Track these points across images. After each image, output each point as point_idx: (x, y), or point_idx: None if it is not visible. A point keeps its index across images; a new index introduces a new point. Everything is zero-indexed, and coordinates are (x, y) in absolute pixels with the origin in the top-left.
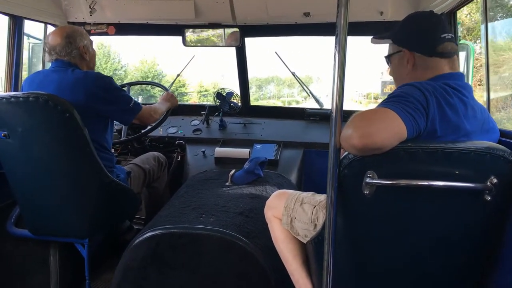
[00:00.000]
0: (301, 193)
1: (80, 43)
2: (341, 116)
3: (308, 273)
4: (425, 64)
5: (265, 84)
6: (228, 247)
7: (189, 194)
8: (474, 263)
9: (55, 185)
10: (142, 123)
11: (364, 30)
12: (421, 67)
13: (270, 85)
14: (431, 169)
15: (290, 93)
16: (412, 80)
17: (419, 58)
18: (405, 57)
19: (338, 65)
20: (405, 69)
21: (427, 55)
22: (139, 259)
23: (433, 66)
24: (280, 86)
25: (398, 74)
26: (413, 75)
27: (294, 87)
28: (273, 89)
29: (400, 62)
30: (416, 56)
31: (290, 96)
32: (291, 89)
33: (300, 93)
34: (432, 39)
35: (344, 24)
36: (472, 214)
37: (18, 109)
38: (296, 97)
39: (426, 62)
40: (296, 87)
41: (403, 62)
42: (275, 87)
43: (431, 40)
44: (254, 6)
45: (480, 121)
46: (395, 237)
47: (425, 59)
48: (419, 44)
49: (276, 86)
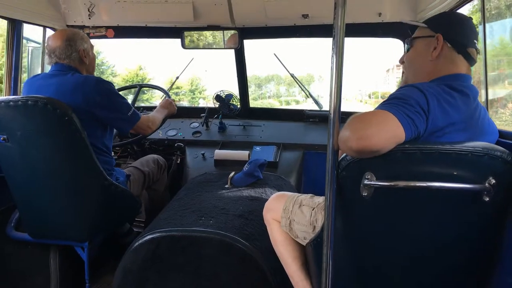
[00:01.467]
0: (300, 195)
1: (80, 46)
2: (339, 118)
3: (307, 275)
4: (450, 57)
5: (265, 83)
6: (228, 250)
7: (189, 197)
8: (473, 264)
9: (54, 188)
10: (138, 133)
11: (362, 31)
12: (444, 59)
13: (270, 83)
14: (429, 170)
15: (290, 92)
16: (426, 70)
17: (448, 50)
18: (433, 44)
19: (335, 66)
20: (427, 57)
21: (457, 50)
22: (139, 262)
23: (456, 63)
24: (279, 85)
25: (416, 61)
26: (431, 65)
27: (294, 86)
28: (273, 88)
29: (426, 47)
30: (447, 47)
31: (291, 95)
32: (292, 88)
33: (301, 92)
34: (468, 39)
35: (342, 25)
36: (470, 215)
37: (17, 113)
38: (297, 96)
39: (452, 56)
40: (297, 86)
41: (429, 48)
42: (275, 86)
43: (467, 39)
44: (253, 8)
45: (482, 122)
46: (393, 239)
47: (453, 53)
48: (457, 36)
49: (276, 85)
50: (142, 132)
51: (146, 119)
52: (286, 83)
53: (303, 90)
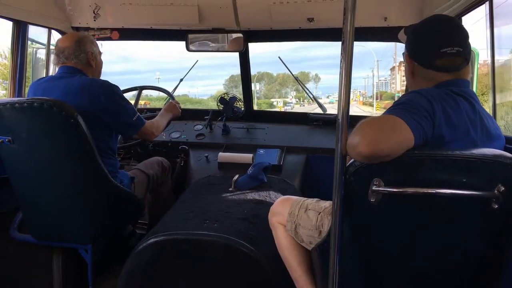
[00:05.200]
0: (306, 199)
1: (89, 49)
2: (348, 122)
3: (312, 280)
4: (422, 73)
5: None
6: (232, 253)
7: (193, 200)
8: (482, 271)
9: (58, 190)
10: (142, 139)
11: (368, 35)
12: (418, 76)
13: (260, 83)
14: (438, 177)
15: (282, 93)
16: (413, 85)
17: (417, 67)
18: (407, 61)
19: (344, 71)
20: (406, 72)
21: (423, 67)
22: (142, 265)
23: (430, 78)
24: (271, 85)
25: (405, 74)
26: (412, 82)
27: (287, 86)
28: (263, 88)
29: (406, 64)
30: (415, 65)
31: (283, 97)
32: (284, 88)
33: (297, 94)
34: (431, 52)
35: (351, 31)
36: (479, 222)
37: (23, 114)
38: (289, 98)
39: (424, 72)
40: (290, 86)
41: (406, 65)
42: (264, 85)
43: (429, 53)
44: (258, 12)
45: (487, 128)
46: (401, 245)
47: (422, 69)
48: (417, 54)
49: (266, 85)
50: (146, 137)
51: (150, 124)
52: (277, 83)
53: (307, 93)
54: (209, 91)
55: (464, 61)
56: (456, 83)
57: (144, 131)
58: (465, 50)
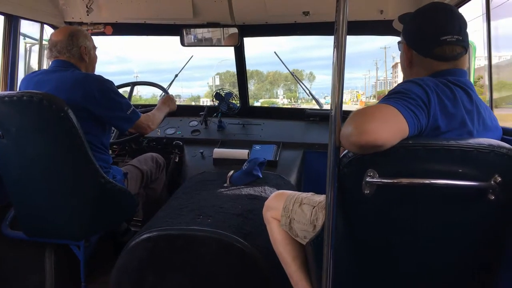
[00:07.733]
0: (301, 193)
1: (82, 43)
2: (341, 114)
3: (307, 275)
4: (420, 62)
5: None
6: (226, 249)
7: (187, 196)
8: (478, 263)
9: (49, 186)
10: (138, 133)
11: (364, 29)
12: (416, 65)
13: (249, 82)
14: (433, 167)
15: (274, 93)
16: (408, 74)
17: (415, 56)
18: (405, 50)
19: (337, 63)
20: (403, 62)
21: (422, 55)
22: (135, 261)
23: (428, 67)
24: (261, 84)
25: (401, 63)
26: (409, 71)
27: (278, 84)
28: (252, 88)
29: (403, 53)
30: (413, 53)
31: (274, 97)
32: (274, 87)
33: (289, 93)
34: (431, 40)
35: (344, 20)
36: (475, 213)
37: (12, 108)
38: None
39: (422, 61)
40: (281, 85)
41: (404, 54)
42: (254, 85)
43: (429, 41)
44: (253, 5)
45: (484, 118)
46: (396, 237)
47: (420, 58)
48: (416, 43)
49: (256, 84)
50: (141, 131)
51: (146, 118)
52: (268, 81)
53: (303, 88)
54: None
55: (463, 50)
56: (453, 72)
57: (139, 124)
58: (464, 38)
